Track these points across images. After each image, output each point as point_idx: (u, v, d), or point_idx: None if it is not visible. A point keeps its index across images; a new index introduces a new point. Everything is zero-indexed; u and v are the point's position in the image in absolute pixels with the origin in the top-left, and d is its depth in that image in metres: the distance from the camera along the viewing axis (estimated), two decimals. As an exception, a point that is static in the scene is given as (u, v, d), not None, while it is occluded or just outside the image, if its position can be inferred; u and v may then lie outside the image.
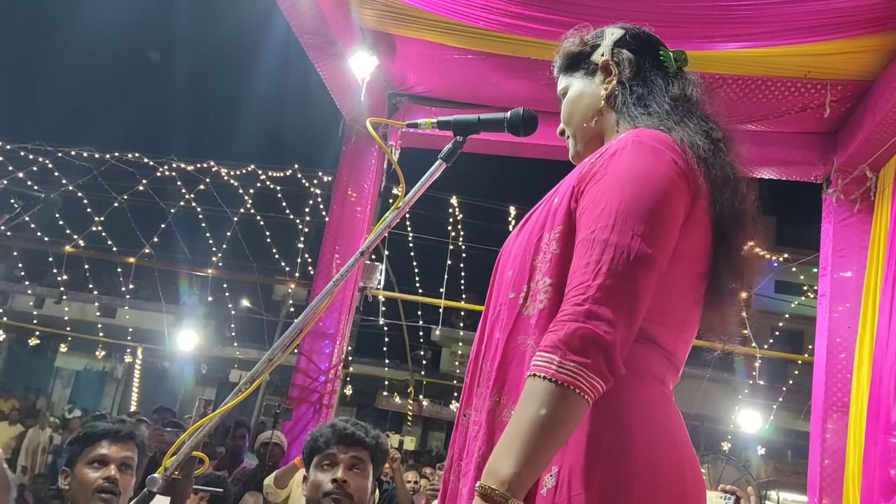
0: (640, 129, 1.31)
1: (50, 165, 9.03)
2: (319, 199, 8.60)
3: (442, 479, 1.37)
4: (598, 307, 1.08)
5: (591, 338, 1.06)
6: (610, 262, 1.11)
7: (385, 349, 11.50)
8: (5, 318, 16.60)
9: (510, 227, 8.61)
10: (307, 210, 8.87)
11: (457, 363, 18.84)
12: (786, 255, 9.10)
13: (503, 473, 1.02)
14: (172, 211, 9.23)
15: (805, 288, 10.25)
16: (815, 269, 6.06)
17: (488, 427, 1.20)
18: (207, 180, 8.85)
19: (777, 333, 10.91)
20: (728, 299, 1.33)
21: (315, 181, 8.56)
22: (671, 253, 1.20)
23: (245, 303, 14.36)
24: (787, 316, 10.86)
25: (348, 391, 12.63)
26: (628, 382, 1.13)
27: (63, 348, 17.20)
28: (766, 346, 9.04)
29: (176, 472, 1.21)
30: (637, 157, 1.22)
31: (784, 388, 10.28)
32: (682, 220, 1.22)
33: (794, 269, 9.32)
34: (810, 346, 6.23)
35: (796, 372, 10.40)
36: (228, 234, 9.31)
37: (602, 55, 1.48)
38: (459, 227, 8.75)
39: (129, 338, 14.87)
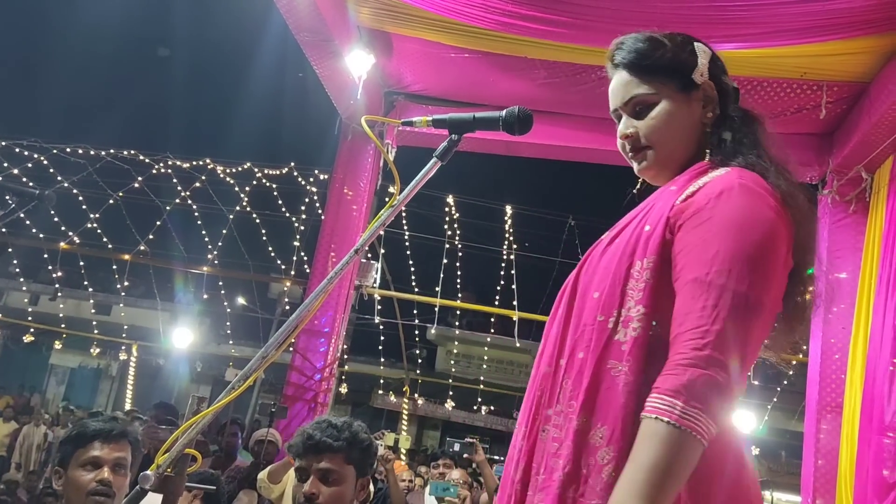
0: (739, 169, 1.31)
1: (45, 162, 9.00)
2: (315, 197, 8.59)
3: (503, 484, 1.40)
4: (717, 353, 1.12)
5: (712, 384, 1.10)
6: (728, 308, 1.14)
7: (380, 347, 11.48)
8: (0, 315, 16.57)
9: (506, 227, 8.62)
10: (303, 208, 8.86)
11: (452, 362, 18.85)
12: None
13: None
14: (168, 208, 9.22)
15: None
16: (810, 270, 6.06)
17: (575, 447, 1.23)
18: (203, 178, 8.85)
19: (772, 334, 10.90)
20: (798, 329, 1.42)
21: (311, 179, 8.56)
22: (777, 299, 1.25)
23: (240, 300, 14.35)
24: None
25: (343, 389, 12.64)
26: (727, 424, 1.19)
27: (58, 345, 17.15)
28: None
29: (168, 470, 1.21)
30: (746, 202, 1.24)
31: (778, 389, 10.30)
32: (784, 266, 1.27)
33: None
34: (805, 347, 6.25)
35: (791, 372, 10.42)
36: (224, 231, 9.30)
37: (702, 75, 1.42)
38: (455, 225, 8.75)
39: (124, 335, 14.85)
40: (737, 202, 1.23)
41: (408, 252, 9.15)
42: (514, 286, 8.65)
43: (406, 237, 8.91)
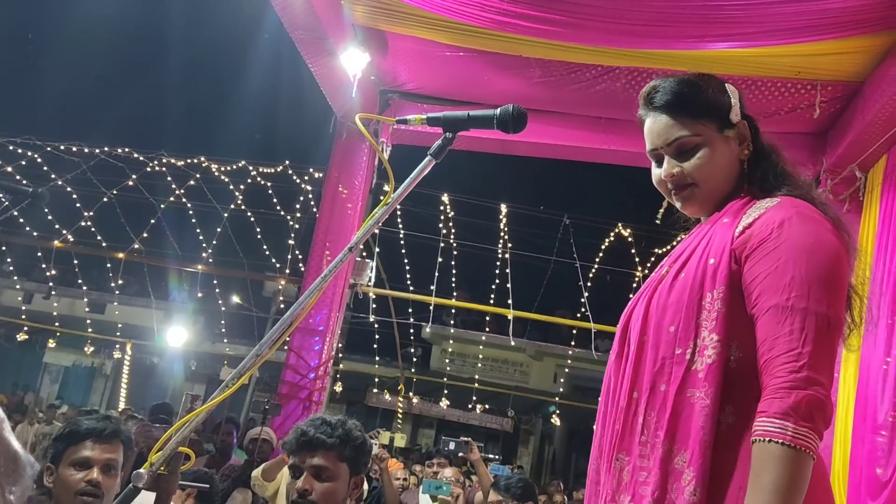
0: (790, 198, 1.41)
1: (39, 160, 8.97)
2: (310, 196, 8.57)
3: None
4: (814, 373, 1.21)
5: (815, 403, 1.19)
6: (815, 330, 1.24)
7: (375, 346, 11.48)
8: (-7, 313, 16.49)
9: (501, 225, 8.62)
10: (298, 206, 8.84)
11: (447, 360, 18.84)
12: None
13: None
14: (162, 206, 9.19)
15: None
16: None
17: (661, 474, 1.31)
18: (198, 176, 8.82)
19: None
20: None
21: (306, 177, 8.54)
22: None
23: (235, 299, 14.31)
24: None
25: (338, 388, 12.61)
26: None
27: (51, 344, 17.08)
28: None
29: (161, 468, 1.21)
30: (810, 229, 1.33)
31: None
32: None
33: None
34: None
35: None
36: (219, 229, 9.27)
37: (736, 115, 1.51)
38: (451, 224, 8.74)
39: (118, 334, 14.78)
40: (801, 229, 1.33)
41: (403, 250, 9.14)
42: (509, 285, 8.65)
43: (401, 236, 8.90)
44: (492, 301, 9.13)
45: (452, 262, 9.04)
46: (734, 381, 1.30)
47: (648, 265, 7.93)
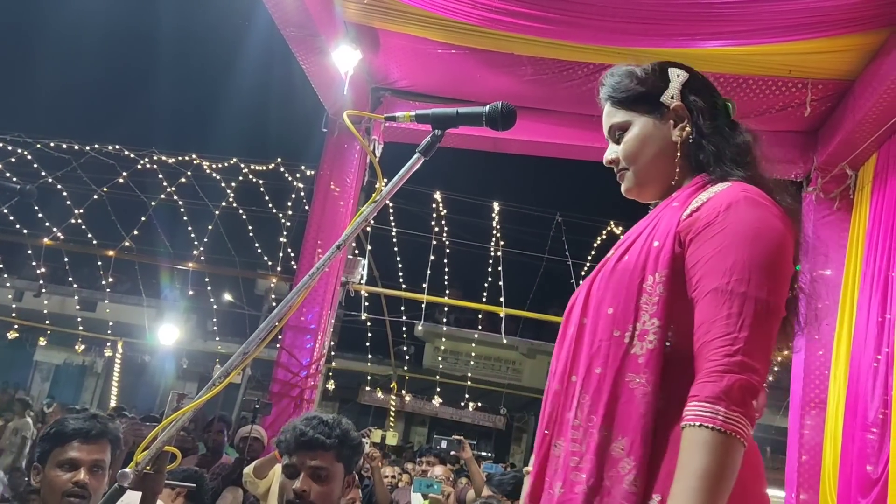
0: (740, 183, 1.39)
1: (29, 157, 8.92)
2: (302, 193, 8.56)
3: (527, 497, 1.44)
4: (749, 358, 1.19)
5: (747, 388, 1.17)
6: (752, 315, 1.21)
7: (368, 344, 11.47)
8: (-17, 312, 16.40)
9: (493, 223, 8.63)
10: (290, 204, 8.83)
11: (439, 358, 18.85)
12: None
13: None
14: (153, 204, 9.16)
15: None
16: (797, 267, 6.10)
17: (597, 460, 1.28)
18: (189, 173, 8.79)
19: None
20: (791, 335, 1.50)
21: (298, 175, 8.52)
22: None
23: (227, 297, 14.29)
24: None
25: (331, 386, 12.61)
26: None
27: (42, 342, 17.02)
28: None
29: (147, 467, 1.20)
30: (755, 215, 1.31)
31: (764, 385, 10.36)
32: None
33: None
34: (790, 343, 6.27)
35: (776, 368, 10.49)
36: (210, 227, 9.24)
37: (672, 97, 1.51)
38: (443, 222, 8.74)
39: (109, 332, 14.73)
40: (746, 214, 1.31)
41: (395, 248, 9.14)
42: (501, 283, 8.66)
43: (393, 234, 8.90)
44: (484, 299, 9.14)
45: (445, 260, 9.04)
46: (668, 365, 1.28)
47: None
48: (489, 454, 17.36)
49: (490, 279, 9.04)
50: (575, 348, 1.41)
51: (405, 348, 16.34)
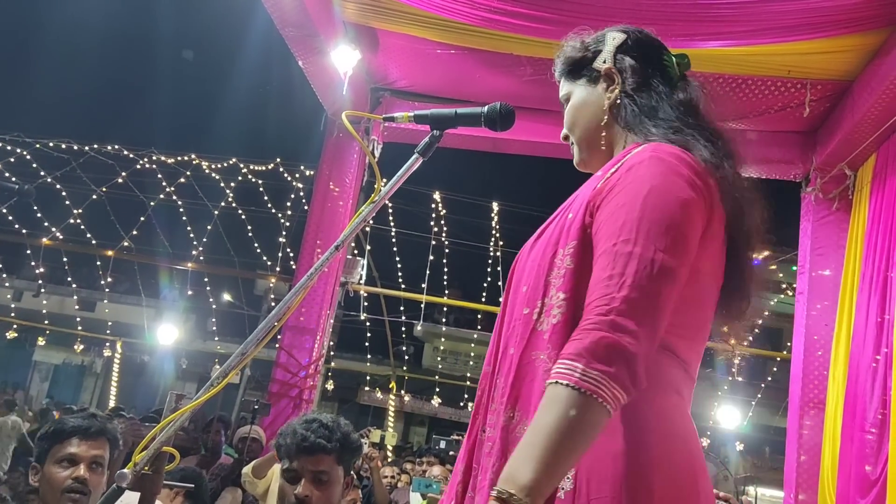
0: (655, 143, 1.31)
1: (28, 157, 8.92)
2: (301, 193, 8.56)
3: (449, 487, 1.38)
4: (623, 319, 1.08)
5: (616, 348, 1.06)
6: (634, 274, 1.12)
7: (367, 344, 11.48)
8: (-18, 312, 16.39)
9: (492, 223, 8.63)
10: (289, 204, 8.83)
11: (439, 358, 18.85)
12: (765, 253, 9.16)
13: (523, 479, 1.02)
14: (152, 204, 9.16)
15: (784, 286, 10.33)
16: (794, 267, 6.11)
17: (502, 443, 1.21)
18: (188, 173, 8.79)
19: (756, 331, 10.99)
20: (745, 307, 1.38)
21: (297, 175, 8.52)
22: (690, 266, 1.21)
23: (226, 297, 14.28)
24: (766, 313, 10.94)
25: (330, 386, 12.61)
26: (649, 393, 1.13)
27: (41, 342, 17.02)
28: (745, 344, 9.11)
29: (146, 468, 1.20)
30: (655, 172, 1.23)
31: (763, 385, 10.38)
32: (700, 234, 1.24)
33: (773, 266, 9.39)
34: (789, 344, 6.28)
35: (775, 369, 10.50)
36: (209, 227, 9.24)
37: (604, 62, 1.46)
38: (442, 222, 8.74)
39: (108, 332, 14.73)
40: (644, 172, 1.23)
41: (394, 249, 9.14)
42: (500, 283, 8.66)
43: (392, 234, 8.90)
44: (483, 299, 9.14)
45: (444, 261, 9.05)
46: None
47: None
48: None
49: (489, 279, 9.05)
50: (498, 330, 1.37)
51: (404, 348, 16.34)
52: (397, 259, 9.21)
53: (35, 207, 9.44)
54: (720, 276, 1.31)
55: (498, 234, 8.76)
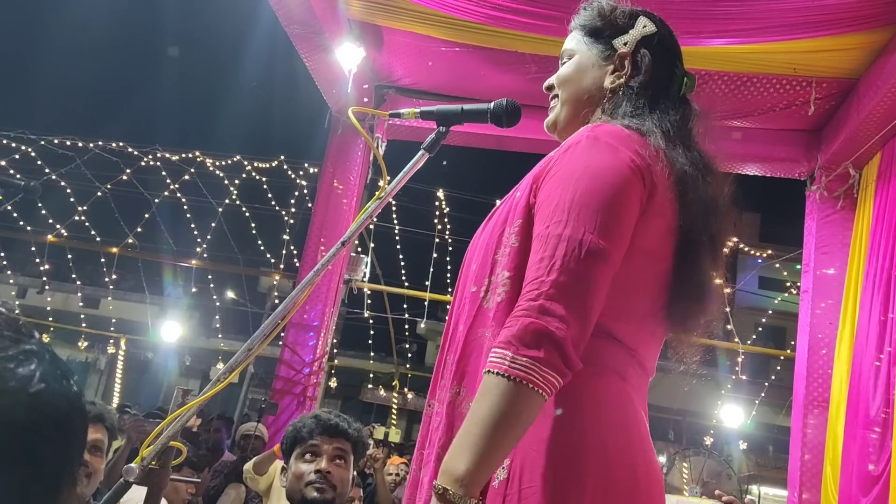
0: (599, 124, 1.31)
1: (33, 154, 8.94)
2: (305, 191, 8.57)
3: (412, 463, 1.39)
4: (551, 303, 1.08)
5: (544, 333, 1.06)
6: (563, 257, 1.12)
7: (370, 342, 11.48)
8: (-13, 308, 16.39)
9: (496, 221, 8.64)
10: (293, 201, 8.84)
11: (442, 356, 18.84)
12: (769, 252, 9.18)
13: (458, 472, 1.02)
14: (157, 201, 9.17)
15: (788, 284, 10.33)
16: (798, 266, 6.11)
17: (448, 419, 1.22)
18: (192, 170, 8.80)
19: (760, 329, 10.98)
20: (698, 322, 1.33)
21: (301, 172, 8.53)
22: (626, 247, 1.19)
23: (230, 294, 14.29)
24: (770, 312, 10.94)
25: (333, 384, 12.63)
26: (584, 377, 1.13)
27: (45, 339, 16.96)
28: (748, 342, 9.11)
29: (153, 462, 1.20)
30: (590, 153, 1.22)
31: (766, 384, 10.36)
32: (637, 214, 1.22)
33: (777, 265, 9.40)
34: (792, 342, 6.28)
35: (779, 368, 10.48)
36: (213, 224, 9.25)
37: (625, 44, 1.43)
38: (446, 220, 8.74)
39: (112, 329, 14.76)
40: (579, 153, 1.23)
41: (398, 246, 9.14)
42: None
43: (396, 231, 8.90)
44: (487, 297, 9.12)
45: (448, 258, 9.05)
46: None
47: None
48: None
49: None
50: (452, 308, 1.38)
51: (407, 346, 16.34)
52: (401, 257, 9.21)
53: (39, 204, 9.46)
54: (666, 258, 1.27)
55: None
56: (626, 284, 1.21)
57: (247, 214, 9.38)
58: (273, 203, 9.10)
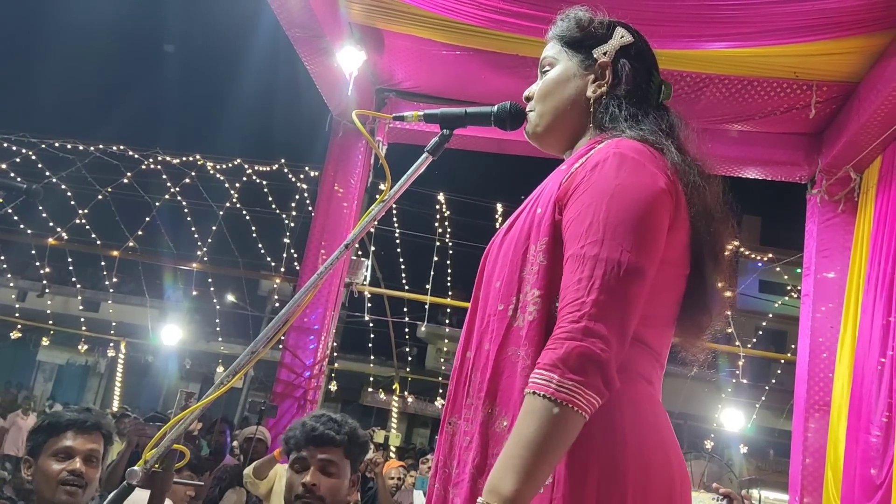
0: (619, 139, 1.32)
1: (34, 157, 8.94)
2: (306, 194, 8.57)
3: (429, 481, 1.40)
4: (594, 324, 1.11)
5: (588, 356, 1.09)
6: (602, 277, 1.14)
7: (370, 345, 11.47)
8: (-13, 311, 16.42)
9: (497, 225, 8.62)
10: (293, 205, 8.83)
11: (442, 360, 18.85)
12: (770, 255, 9.17)
13: (506, 491, 1.06)
14: (157, 204, 9.16)
15: (789, 288, 10.31)
16: (799, 270, 6.10)
17: (482, 438, 1.23)
18: (193, 173, 8.80)
19: (761, 333, 10.96)
20: (706, 323, 1.38)
21: (302, 176, 8.53)
22: (658, 262, 1.22)
23: (230, 298, 14.28)
24: (770, 315, 10.92)
25: (333, 387, 12.60)
26: (621, 384, 1.15)
27: (45, 342, 17.02)
28: (749, 346, 9.10)
29: (156, 465, 1.20)
30: (618, 171, 1.24)
31: (767, 388, 10.34)
32: (667, 227, 1.25)
33: (778, 268, 9.38)
34: (793, 346, 6.27)
35: (779, 371, 10.47)
36: (214, 227, 9.24)
37: (605, 54, 1.46)
38: (446, 223, 8.74)
39: (112, 332, 14.74)
40: (611, 172, 1.24)
41: (398, 250, 9.14)
42: (504, 284, 8.63)
43: (397, 235, 8.90)
44: (487, 300, 9.11)
45: (448, 262, 9.04)
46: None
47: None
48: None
49: (493, 281, 9.01)
50: (469, 324, 1.39)
51: (408, 349, 16.32)
52: (401, 260, 9.20)
53: (40, 207, 9.45)
54: (686, 264, 1.32)
55: (502, 236, 8.74)
56: (653, 292, 1.23)
57: (247, 217, 9.37)
58: (274, 206, 9.10)
